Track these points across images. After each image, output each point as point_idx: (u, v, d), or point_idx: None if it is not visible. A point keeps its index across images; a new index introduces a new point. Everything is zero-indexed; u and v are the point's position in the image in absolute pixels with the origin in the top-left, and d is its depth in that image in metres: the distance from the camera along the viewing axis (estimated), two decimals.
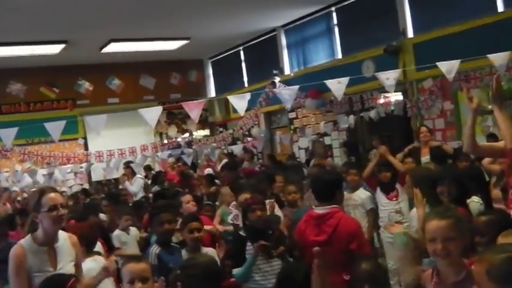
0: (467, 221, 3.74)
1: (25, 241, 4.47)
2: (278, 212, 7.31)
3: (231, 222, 7.58)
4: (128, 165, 14.44)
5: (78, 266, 4.67)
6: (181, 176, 14.27)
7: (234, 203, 7.97)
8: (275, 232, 5.68)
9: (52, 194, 4.48)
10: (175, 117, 20.88)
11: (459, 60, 9.57)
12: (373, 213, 8.30)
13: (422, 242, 3.73)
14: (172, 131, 20.73)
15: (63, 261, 4.52)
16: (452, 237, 3.38)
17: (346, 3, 14.92)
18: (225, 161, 16.25)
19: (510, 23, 10.88)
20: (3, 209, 12.16)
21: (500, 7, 11.48)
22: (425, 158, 9.65)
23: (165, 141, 17.93)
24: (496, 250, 2.69)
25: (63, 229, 4.75)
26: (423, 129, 10.42)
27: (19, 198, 14.31)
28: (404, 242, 6.89)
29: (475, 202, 5.94)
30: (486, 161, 6.42)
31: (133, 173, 14.54)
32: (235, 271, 5.47)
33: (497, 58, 9.68)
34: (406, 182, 5.81)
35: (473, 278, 3.12)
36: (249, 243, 5.54)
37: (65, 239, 4.64)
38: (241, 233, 5.75)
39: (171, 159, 15.58)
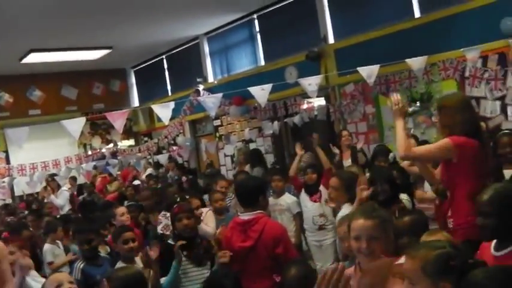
0: (391, 221, 3.83)
1: None
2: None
3: (160, 232, 7.55)
4: (52, 178, 14.18)
5: (3, 273, 4.71)
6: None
7: (163, 212, 7.94)
8: (203, 241, 5.70)
9: None
10: (99, 127, 20.61)
11: (379, 65, 9.80)
12: (300, 217, 8.41)
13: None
14: (96, 141, 20.45)
15: None
16: (377, 237, 3.48)
17: (267, 10, 15.02)
18: (149, 170, 16.15)
19: (426, 28, 11.20)
20: None
21: (417, 13, 11.78)
22: (347, 161, 9.78)
23: (90, 153, 17.68)
24: (427, 247, 2.79)
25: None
26: (345, 133, 10.60)
27: None
28: None
29: (405, 199, 6.08)
30: (406, 163, 6.58)
31: (59, 186, 14.28)
32: (163, 280, 5.44)
33: (415, 62, 9.97)
34: (331, 184, 5.87)
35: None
36: None
37: None
38: (170, 241, 5.72)
39: (94, 171, 15.39)
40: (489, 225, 3.52)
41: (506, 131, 7.73)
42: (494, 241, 3.64)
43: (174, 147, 17.23)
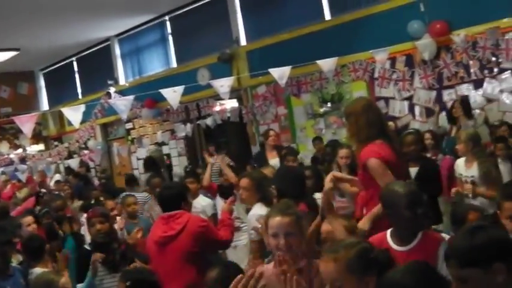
0: (305, 217, 3.89)
1: None
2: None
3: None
4: None
5: None
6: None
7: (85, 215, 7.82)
8: (121, 246, 5.60)
9: None
10: (6, 132, 19.96)
11: (290, 67, 9.89)
12: (215, 219, 8.36)
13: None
14: (4, 147, 19.83)
15: None
16: (293, 233, 3.53)
17: (179, 12, 14.95)
18: (57, 176, 15.80)
19: (336, 30, 11.40)
20: None
21: (328, 15, 11.98)
22: (274, 160, 9.73)
23: None
24: (344, 247, 2.84)
25: None
26: (272, 132, 10.56)
27: None
28: None
29: (318, 199, 6.15)
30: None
31: None
32: (79, 286, 5.34)
33: (326, 64, 10.11)
34: (242, 185, 5.87)
35: (313, 266, 3.37)
36: None
37: None
38: (87, 246, 5.60)
39: (4, 177, 14.92)
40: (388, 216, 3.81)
41: (411, 130, 8.12)
42: (389, 235, 3.85)
43: (86, 152, 16.92)
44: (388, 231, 3.88)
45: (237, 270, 4.36)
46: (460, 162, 7.22)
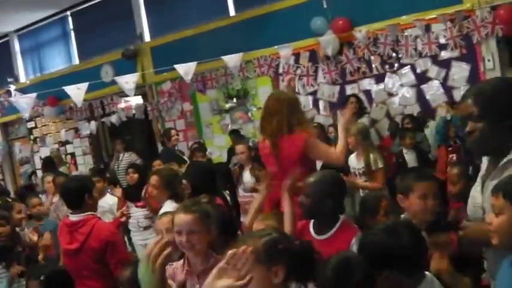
0: (215, 214, 3.91)
1: None
2: None
3: None
4: None
5: None
6: None
7: None
8: (25, 249, 5.48)
9: None
10: None
11: (196, 62, 9.93)
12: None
13: None
14: None
15: None
16: (196, 230, 3.55)
17: (81, 7, 14.64)
18: None
19: (241, 26, 11.46)
20: None
21: (232, 11, 12.03)
22: None
23: None
24: (254, 236, 2.88)
25: None
26: (173, 132, 10.57)
27: None
28: None
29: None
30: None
31: None
32: None
33: (231, 60, 10.19)
34: (151, 182, 5.83)
35: None
36: None
37: None
38: None
39: None
40: (306, 204, 3.91)
41: (315, 124, 8.41)
42: (312, 224, 4.00)
43: None
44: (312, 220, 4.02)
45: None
46: (352, 157, 7.66)
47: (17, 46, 16.64)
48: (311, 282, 2.89)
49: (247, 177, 8.39)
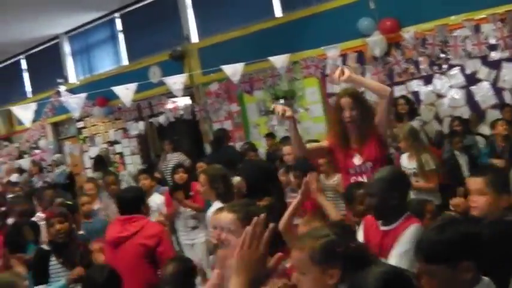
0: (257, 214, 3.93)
1: None
2: None
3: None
4: None
5: None
6: None
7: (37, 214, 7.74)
8: (80, 247, 5.57)
9: None
10: None
11: (243, 64, 9.94)
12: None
13: None
14: None
15: None
16: (234, 230, 3.58)
17: (129, 9, 14.84)
18: (15, 175, 15.56)
19: (288, 27, 11.47)
20: None
21: (278, 12, 12.05)
22: None
23: None
24: (313, 237, 2.89)
25: None
26: None
27: None
28: None
29: None
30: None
31: None
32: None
33: (278, 60, 10.17)
34: (200, 181, 5.88)
35: None
36: (52, 258, 5.36)
37: None
38: (45, 247, 5.53)
39: None
40: (371, 204, 3.93)
41: None
42: None
43: (37, 151, 16.67)
44: None
45: (192, 265, 4.41)
46: (404, 157, 7.62)
47: (67, 47, 16.93)
48: None
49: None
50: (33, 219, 7.59)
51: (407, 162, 7.51)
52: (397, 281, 2.47)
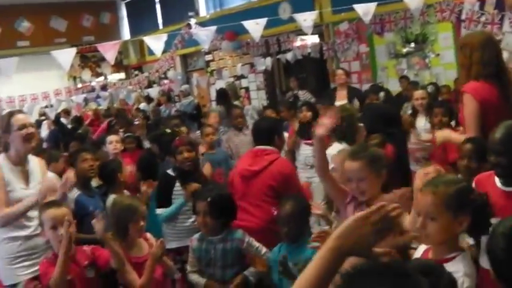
0: (383, 158, 3.83)
1: (0, 159, 4.78)
2: None
3: None
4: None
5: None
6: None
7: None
8: (202, 176, 5.72)
9: (20, 115, 4.85)
10: (88, 60, 20.40)
11: (375, 3, 9.68)
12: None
13: None
14: (86, 74, 20.27)
15: (34, 181, 4.82)
16: (364, 177, 3.53)
17: None
18: (143, 104, 16.08)
19: None
20: None
21: None
22: (342, 101, 9.66)
23: (79, 86, 17.54)
24: (446, 182, 2.83)
25: None
26: (339, 71, 10.47)
27: None
28: None
29: None
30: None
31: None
32: (160, 211, 5.49)
33: (412, 2, 9.83)
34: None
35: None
36: (177, 184, 5.52)
37: (35, 162, 4.94)
38: (170, 172, 5.70)
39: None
40: (500, 163, 3.50)
41: None
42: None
43: (165, 81, 17.10)
44: None
45: (308, 205, 4.40)
46: None
47: None
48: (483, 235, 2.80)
49: (421, 124, 8.17)
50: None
51: None
52: None
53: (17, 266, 4.63)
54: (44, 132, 13.81)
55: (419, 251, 3.03)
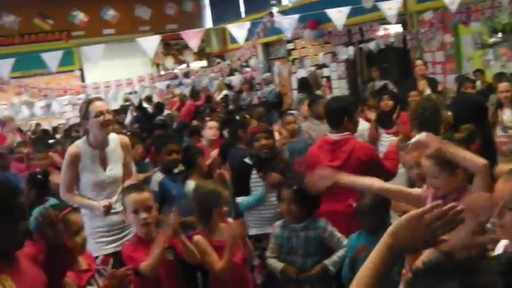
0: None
1: (80, 142, 5.04)
2: None
3: None
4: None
5: (126, 166, 5.22)
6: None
7: None
8: (281, 163, 5.70)
9: (98, 103, 5.02)
10: (171, 48, 20.72)
11: None
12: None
13: None
14: (169, 62, 20.56)
15: (112, 163, 5.06)
16: (438, 175, 3.53)
17: None
18: (225, 91, 16.25)
19: None
20: (11, 138, 11.60)
21: None
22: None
23: (162, 73, 17.81)
24: None
25: None
26: (418, 62, 10.26)
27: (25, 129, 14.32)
28: None
29: None
30: None
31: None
32: (240, 199, 5.53)
33: None
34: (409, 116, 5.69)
35: None
36: (253, 172, 5.54)
37: (115, 143, 5.14)
38: (247, 160, 5.73)
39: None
40: None
41: None
42: None
43: (247, 69, 17.20)
44: None
45: (386, 198, 4.35)
46: None
47: None
48: None
49: (507, 116, 7.98)
50: None
51: None
52: None
53: (97, 241, 4.85)
54: (129, 117, 14.16)
55: (499, 247, 2.85)
